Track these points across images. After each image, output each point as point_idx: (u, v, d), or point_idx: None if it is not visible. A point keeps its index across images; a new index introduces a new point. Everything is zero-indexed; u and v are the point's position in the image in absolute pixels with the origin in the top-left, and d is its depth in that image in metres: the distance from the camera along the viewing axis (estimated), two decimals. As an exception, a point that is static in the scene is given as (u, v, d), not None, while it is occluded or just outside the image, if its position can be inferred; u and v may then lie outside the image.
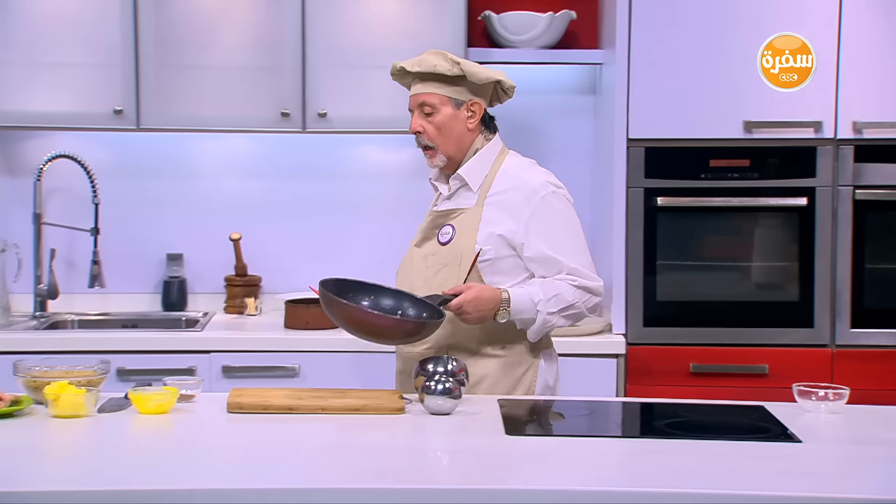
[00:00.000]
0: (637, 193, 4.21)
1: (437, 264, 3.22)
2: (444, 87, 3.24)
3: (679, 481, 2.40)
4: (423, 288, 3.21)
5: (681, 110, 4.17)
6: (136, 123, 4.33)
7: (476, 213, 3.23)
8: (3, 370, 3.91)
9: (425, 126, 3.25)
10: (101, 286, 4.50)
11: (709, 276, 4.24)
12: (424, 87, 3.24)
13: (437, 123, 3.24)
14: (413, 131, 3.27)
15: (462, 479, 2.46)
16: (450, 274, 3.19)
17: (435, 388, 2.86)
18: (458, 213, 3.26)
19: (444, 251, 3.23)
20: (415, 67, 3.23)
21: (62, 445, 2.66)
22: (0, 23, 4.24)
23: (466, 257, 3.18)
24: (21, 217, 4.54)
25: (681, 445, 2.66)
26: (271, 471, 2.43)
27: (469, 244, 3.19)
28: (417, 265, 3.26)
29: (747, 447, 2.65)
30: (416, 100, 3.27)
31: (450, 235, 3.23)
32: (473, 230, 3.20)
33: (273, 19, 4.33)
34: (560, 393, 3.33)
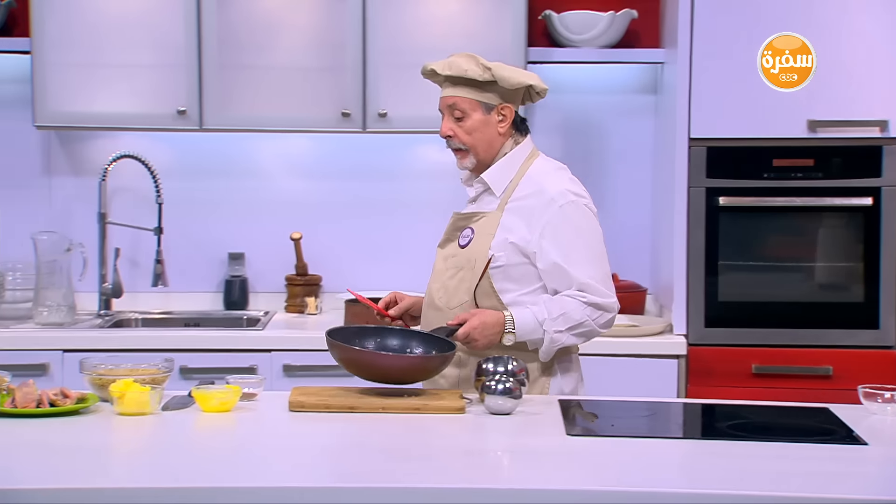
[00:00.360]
0: (698, 193, 4.18)
1: (454, 267, 3.20)
2: (475, 92, 3.18)
3: (742, 484, 2.37)
4: (440, 291, 3.19)
5: (743, 109, 4.14)
6: (199, 124, 4.37)
7: (495, 217, 3.19)
8: (70, 368, 3.99)
9: (455, 130, 3.20)
10: (164, 285, 4.54)
11: (771, 277, 4.20)
12: (455, 91, 3.19)
13: (468, 128, 3.19)
14: (444, 135, 3.22)
15: (522, 479, 2.45)
16: (464, 277, 3.16)
17: (495, 388, 2.86)
18: (479, 217, 3.22)
19: (462, 254, 3.19)
20: (445, 70, 3.18)
21: (127, 443, 2.69)
22: (66, 24, 4.30)
23: (480, 262, 3.14)
24: (86, 217, 4.60)
25: (744, 447, 2.64)
26: (333, 469, 2.45)
27: (483, 249, 3.15)
28: (438, 266, 3.25)
29: (812, 449, 2.62)
30: (445, 102, 3.22)
31: (468, 239, 3.20)
32: (489, 235, 3.16)
33: (334, 20, 4.35)
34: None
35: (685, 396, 4.07)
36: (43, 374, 4.03)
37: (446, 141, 3.24)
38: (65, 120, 4.36)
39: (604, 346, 4.13)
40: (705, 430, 3.02)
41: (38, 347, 4.09)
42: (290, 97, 4.37)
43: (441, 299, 3.19)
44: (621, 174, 4.73)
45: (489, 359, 3.00)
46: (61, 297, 4.31)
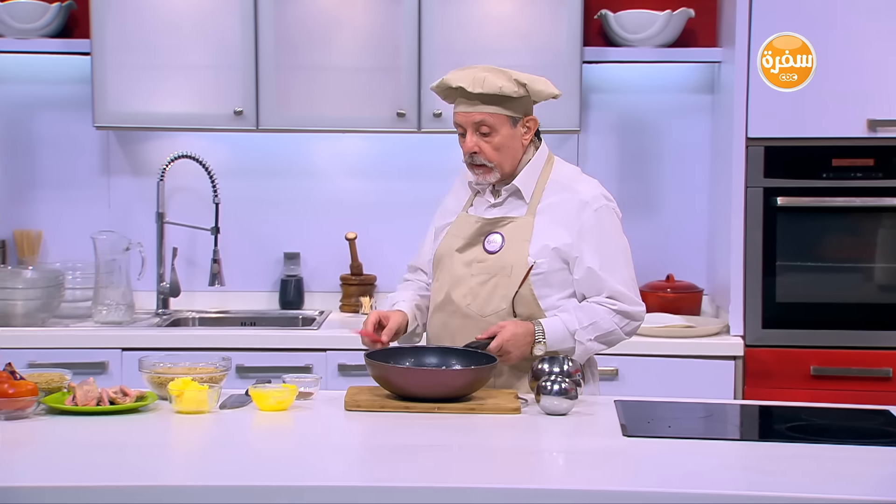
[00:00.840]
0: (756, 193, 4.15)
1: (484, 273, 3.12)
2: (504, 108, 3.11)
3: (802, 486, 2.35)
4: (468, 296, 3.13)
5: (802, 109, 4.10)
6: (256, 124, 4.40)
7: (527, 223, 3.14)
8: (129, 366, 4.04)
9: (482, 146, 3.11)
10: (221, 284, 4.58)
11: (830, 278, 4.16)
12: (484, 108, 3.09)
13: (497, 144, 3.11)
14: (470, 151, 3.12)
15: (579, 480, 2.44)
16: (499, 284, 3.11)
17: (551, 389, 2.85)
18: (506, 222, 3.16)
19: (491, 260, 3.13)
20: (476, 88, 3.07)
21: (186, 441, 2.71)
22: (125, 26, 4.34)
23: (518, 269, 3.09)
24: (145, 216, 4.65)
25: (802, 449, 2.61)
26: (388, 469, 2.45)
27: (521, 255, 3.10)
28: (459, 271, 3.16)
29: (873, 452, 2.59)
30: (470, 118, 3.10)
31: (499, 244, 3.14)
32: (525, 241, 3.12)
33: (390, 20, 4.36)
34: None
35: (742, 398, 4.04)
36: (102, 372, 4.07)
37: (468, 156, 3.14)
38: (123, 120, 4.41)
39: (660, 346, 4.12)
40: (763, 431, 2.99)
41: (97, 346, 4.13)
42: (345, 97, 4.38)
43: (472, 307, 3.12)
44: (677, 174, 4.70)
45: (544, 359, 2.99)
46: (120, 296, 4.35)
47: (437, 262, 3.23)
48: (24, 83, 4.65)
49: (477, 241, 3.17)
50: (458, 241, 3.19)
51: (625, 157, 4.71)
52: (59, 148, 4.68)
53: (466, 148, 3.13)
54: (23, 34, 4.46)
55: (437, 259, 3.23)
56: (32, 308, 4.23)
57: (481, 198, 3.23)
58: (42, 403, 2.82)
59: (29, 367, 3.78)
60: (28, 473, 2.41)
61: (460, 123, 3.13)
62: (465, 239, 3.18)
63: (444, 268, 3.20)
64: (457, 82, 3.10)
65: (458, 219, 3.24)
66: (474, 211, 3.23)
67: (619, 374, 4.12)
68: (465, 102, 3.11)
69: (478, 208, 3.23)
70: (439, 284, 3.20)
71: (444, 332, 3.17)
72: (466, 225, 3.20)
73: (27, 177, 4.68)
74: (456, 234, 3.21)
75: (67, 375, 2.96)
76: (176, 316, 4.56)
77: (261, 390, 2.88)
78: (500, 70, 3.12)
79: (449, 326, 3.16)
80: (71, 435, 2.66)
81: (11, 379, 2.80)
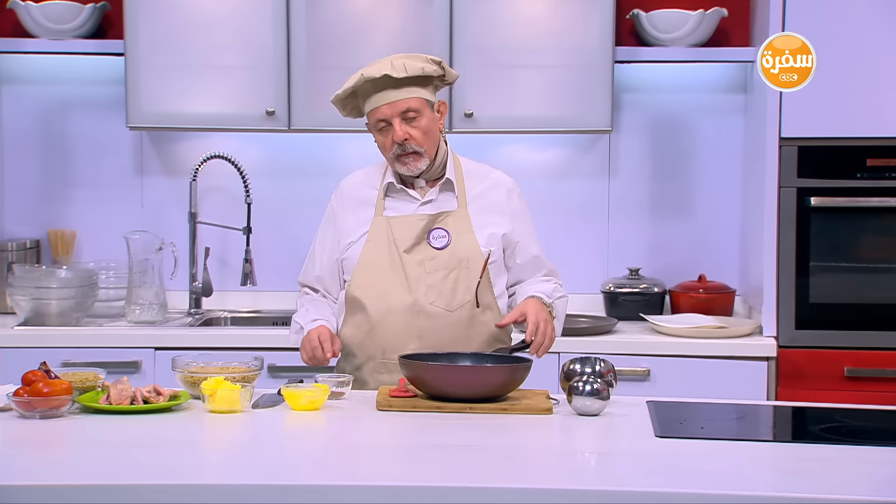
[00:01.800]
0: (789, 193, 4.12)
1: (442, 269, 3.16)
2: (423, 90, 3.17)
3: (836, 488, 2.33)
4: (430, 294, 3.15)
5: (836, 108, 4.07)
6: (288, 124, 4.41)
7: (464, 214, 3.21)
8: (161, 365, 4.06)
9: (411, 133, 3.15)
10: (253, 284, 4.59)
11: (865, 278, 4.13)
12: (409, 93, 3.14)
13: (424, 128, 3.16)
14: (401, 140, 3.14)
15: (611, 480, 2.43)
16: (459, 277, 3.16)
17: (583, 389, 2.85)
18: (443, 217, 3.21)
19: (442, 256, 3.17)
20: (401, 73, 3.11)
21: (219, 440, 2.72)
22: (158, 27, 4.36)
23: (474, 260, 3.15)
24: (177, 216, 4.67)
25: (837, 451, 2.59)
26: (420, 469, 2.45)
27: (472, 247, 3.17)
28: (412, 271, 3.16)
29: (908, 454, 2.57)
30: (396, 107, 3.13)
31: (446, 240, 3.18)
32: (469, 233, 3.19)
33: (421, 21, 4.36)
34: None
35: (775, 399, 4.02)
36: (135, 371, 4.10)
37: (400, 146, 3.15)
38: (156, 121, 4.43)
39: (692, 347, 4.11)
40: (796, 433, 2.98)
41: (130, 345, 4.16)
42: (377, 98, 4.38)
43: (437, 303, 3.15)
44: (710, 174, 4.68)
45: (576, 359, 2.99)
46: (153, 295, 4.37)
47: (363, 269, 3.20)
48: (58, 84, 4.68)
49: (421, 240, 3.19)
50: (405, 243, 3.19)
51: (657, 157, 4.70)
52: (92, 148, 4.71)
53: (397, 137, 3.14)
54: (57, 35, 4.49)
55: (363, 266, 3.20)
56: (66, 307, 4.26)
57: (398, 200, 3.24)
58: (76, 402, 2.84)
59: (63, 366, 3.82)
60: (62, 471, 2.42)
61: (384, 117, 3.16)
62: (411, 239, 3.19)
63: (382, 272, 3.19)
64: (380, 72, 3.14)
65: (379, 223, 3.22)
66: (396, 212, 3.23)
67: (650, 374, 4.10)
68: (385, 93, 3.14)
69: (402, 209, 3.23)
70: (380, 290, 3.18)
71: (409, 333, 3.16)
72: (405, 226, 3.20)
73: (61, 177, 4.71)
74: (381, 238, 3.20)
75: (101, 374, 2.98)
76: (208, 315, 4.58)
77: (293, 390, 2.89)
78: (412, 54, 3.21)
79: (414, 327, 3.16)
80: (105, 434, 2.68)
81: (46, 378, 2.82)
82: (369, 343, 3.20)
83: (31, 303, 4.24)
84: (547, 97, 4.39)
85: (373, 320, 3.19)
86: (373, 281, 3.19)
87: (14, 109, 4.67)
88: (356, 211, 3.27)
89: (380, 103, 3.15)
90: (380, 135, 3.19)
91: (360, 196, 3.29)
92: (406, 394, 2.94)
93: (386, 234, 3.20)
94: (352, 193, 3.31)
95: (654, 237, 4.70)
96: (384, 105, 3.15)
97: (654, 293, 4.51)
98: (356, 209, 3.28)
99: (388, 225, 3.21)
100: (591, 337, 4.18)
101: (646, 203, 4.69)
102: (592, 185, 4.69)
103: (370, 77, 3.15)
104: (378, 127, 3.18)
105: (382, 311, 3.18)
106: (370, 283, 3.19)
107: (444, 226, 3.20)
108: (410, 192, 3.24)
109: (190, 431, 2.73)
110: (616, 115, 4.53)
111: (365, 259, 3.21)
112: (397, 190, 3.25)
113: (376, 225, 3.22)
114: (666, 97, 4.68)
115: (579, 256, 4.69)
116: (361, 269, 3.21)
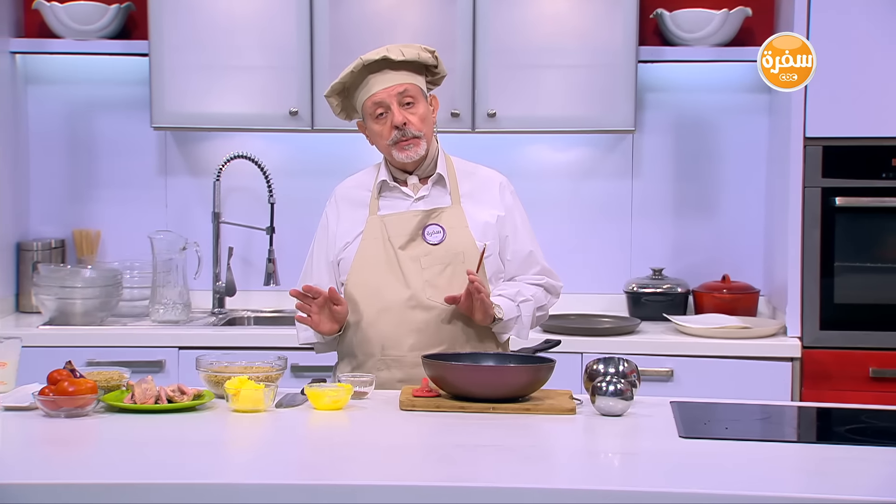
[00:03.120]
0: (814, 193, 4.11)
1: (437, 264, 3.17)
2: (419, 78, 3.22)
3: (861, 489, 2.32)
4: (427, 289, 3.16)
5: (861, 108, 4.05)
6: (311, 124, 4.42)
7: (458, 210, 3.22)
8: (185, 365, 4.07)
9: (409, 117, 3.17)
10: (276, 284, 4.60)
11: (890, 279, 4.10)
12: (406, 77, 3.17)
13: (421, 115, 3.19)
14: (400, 123, 3.16)
15: (635, 481, 2.43)
16: (456, 272, 3.16)
17: (606, 389, 2.84)
18: (437, 213, 3.22)
19: (438, 251, 3.18)
20: (399, 56, 3.15)
21: (243, 439, 2.73)
22: (183, 28, 4.38)
23: (470, 255, 3.16)
24: (201, 216, 4.68)
25: (862, 452, 2.58)
26: (443, 468, 2.45)
27: (467, 242, 3.18)
28: (408, 267, 3.17)
29: (934, 456, 2.56)
30: (394, 90, 3.16)
31: (441, 235, 3.19)
32: (464, 227, 3.20)
33: (444, 20, 4.36)
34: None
35: (800, 400, 4.00)
36: (159, 370, 4.11)
37: (400, 131, 3.16)
38: (181, 121, 4.44)
39: (716, 347, 4.10)
40: (821, 433, 2.96)
41: (154, 345, 4.18)
42: (400, 98, 4.39)
43: (434, 298, 3.16)
44: (734, 174, 4.66)
45: (599, 360, 2.99)
46: (177, 295, 4.39)
47: (359, 267, 3.21)
48: (83, 84, 4.70)
49: (416, 236, 3.20)
50: (401, 239, 3.20)
51: (681, 157, 4.68)
52: (117, 148, 4.73)
53: (396, 120, 3.16)
54: (82, 35, 4.51)
55: (359, 264, 3.22)
56: (91, 307, 4.28)
57: (391, 199, 3.25)
58: (101, 401, 2.86)
59: (88, 365, 3.84)
60: (87, 470, 2.43)
61: (381, 101, 3.17)
62: (406, 236, 3.20)
63: (378, 269, 3.20)
64: (378, 54, 3.16)
65: (373, 222, 3.23)
66: (390, 210, 3.24)
67: (674, 375, 4.09)
68: (383, 76, 3.16)
69: (396, 207, 3.24)
70: (376, 287, 3.19)
71: (406, 328, 3.17)
72: (399, 223, 3.21)
73: (86, 177, 4.74)
74: (376, 236, 3.21)
75: (126, 374, 2.99)
76: (232, 315, 4.60)
77: (316, 389, 2.90)
78: (408, 44, 3.23)
79: (411, 322, 3.17)
80: (129, 433, 2.69)
81: (71, 377, 2.83)
82: (368, 340, 3.21)
83: (56, 302, 4.26)
84: (570, 97, 4.38)
85: (370, 317, 3.20)
86: (368, 278, 3.21)
87: (39, 110, 4.70)
88: (350, 213, 3.29)
89: (377, 87, 3.17)
90: (376, 123, 3.20)
91: (353, 198, 3.31)
92: (429, 394, 2.94)
93: (381, 231, 3.22)
94: (345, 196, 3.33)
95: (677, 237, 4.68)
96: (381, 89, 3.17)
97: (677, 293, 4.50)
98: (350, 212, 3.29)
99: (383, 223, 3.23)
100: (615, 337, 4.18)
101: (669, 203, 4.68)
102: (616, 185, 4.68)
103: (369, 60, 3.17)
104: (375, 114, 3.19)
105: (379, 308, 3.19)
106: (366, 281, 3.21)
107: (438, 221, 3.22)
108: (403, 190, 3.26)
109: (213, 431, 2.74)
110: (639, 115, 4.52)
111: (360, 257, 3.22)
112: (390, 188, 3.27)
113: (371, 223, 3.24)
114: (689, 97, 4.66)
115: (602, 256, 4.68)
116: (357, 268, 3.22)
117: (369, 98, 3.19)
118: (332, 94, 3.27)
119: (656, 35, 4.57)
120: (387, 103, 3.17)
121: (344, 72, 3.22)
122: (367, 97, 3.20)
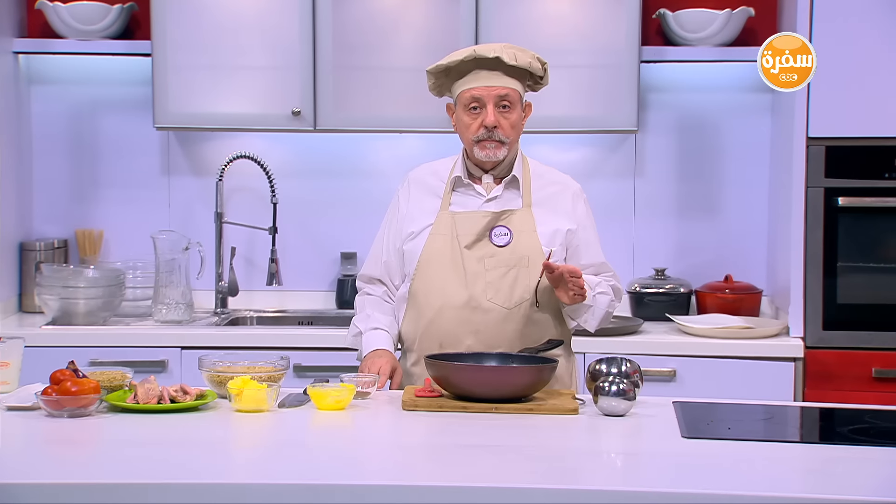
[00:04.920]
0: (816, 193, 4.10)
1: (501, 266, 3.16)
2: (522, 86, 3.21)
3: (864, 489, 2.32)
4: (489, 290, 3.15)
5: (865, 108, 4.05)
6: (314, 124, 4.42)
7: (527, 214, 3.20)
8: (188, 365, 4.07)
9: (501, 122, 3.16)
10: (279, 284, 4.60)
11: (893, 279, 4.10)
12: (510, 82, 3.16)
13: (513, 121, 3.18)
14: (491, 125, 3.15)
15: (637, 481, 2.44)
16: (519, 276, 3.15)
17: (609, 389, 2.84)
18: (507, 215, 3.20)
19: (503, 254, 3.17)
20: (511, 61, 3.13)
21: (246, 439, 2.73)
22: (186, 28, 4.38)
23: (535, 259, 3.14)
24: (204, 216, 4.68)
25: (865, 452, 2.58)
26: (446, 469, 2.45)
27: (534, 246, 3.16)
28: (472, 267, 3.17)
29: (937, 456, 2.55)
30: (495, 91, 3.14)
31: (508, 237, 3.18)
32: (532, 232, 3.18)
33: (448, 20, 4.36)
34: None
35: (802, 400, 4.00)
36: (162, 370, 4.11)
37: (488, 131, 3.15)
38: (183, 121, 4.45)
39: (718, 347, 4.09)
40: (824, 434, 2.96)
41: (157, 345, 4.18)
42: (402, 98, 4.39)
43: (494, 300, 3.15)
44: (737, 174, 4.66)
45: (602, 360, 3.00)
46: (179, 295, 4.39)
47: (425, 264, 3.21)
48: (86, 84, 4.70)
49: (483, 236, 3.19)
50: (467, 238, 3.19)
51: (683, 157, 4.68)
52: (119, 148, 4.73)
53: (489, 121, 3.14)
54: (85, 36, 4.51)
55: (425, 260, 3.22)
56: (94, 307, 4.28)
57: (464, 195, 3.24)
58: (104, 401, 2.86)
59: (91, 365, 3.85)
60: (90, 470, 2.44)
61: (479, 97, 3.15)
62: (473, 235, 3.20)
63: (443, 267, 3.19)
64: (493, 53, 3.14)
65: (444, 218, 3.23)
66: (461, 207, 3.23)
67: (676, 375, 4.09)
68: (488, 75, 3.15)
69: (467, 204, 3.24)
70: (439, 285, 3.18)
71: (465, 328, 3.17)
72: (469, 222, 3.21)
73: (89, 177, 4.74)
74: (444, 232, 3.21)
75: (129, 374, 2.99)
76: (234, 315, 4.60)
77: (319, 389, 2.90)
78: (522, 48, 3.20)
79: (470, 322, 3.16)
80: (132, 433, 2.69)
81: (74, 377, 2.83)
82: (426, 337, 3.21)
83: (58, 302, 4.26)
84: (573, 97, 4.38)
85: (430, 315, 3.20)
86: (433, 276, 3.21)
87: (42, 110, 4.70)
88: (421, 200, 3.29)
89: (479, 83, 3.16)
90: (467, 115, 3.19)
91: (427, 184, 3.31)
92: (432, 394, 2.94)
93: (450, 228, 3.22)
94: (419, 181, 3.33)
95: (680, 237, 4.68)
96: (483, 86, 3.16)
97: (680, 293, 4.50)
98: (421, 197, 3.30)
99: (453, 220, 3.22)
100: (617, 337, 4.17)
101: (672, 203, 4.68)
102: (618, 185, 4.68)
103: (482, 56, 3.16)
104: (469, 106, 3.18)
105: (438, 306, 3.19)
106: (430, 278, 3.21)
107: (506, 223, 3.20)
108: (476, 188, 3.25)
109: (216, 431, 2.74)
110: (642, 115, 4.52)
111: (427, 254, 3.22)
112: (464, 185, 3.26)
113: (441, 219, 3.24)
114: (692, 97, 4.66)
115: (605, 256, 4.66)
116: (423, 265, 3.22)
117: (469, 90, 3.18)
118: (435, 70, 3.25)
119: (659, 35, 4.57)
120: (484, 101, 3.16)
121: (454, 56, 3.20)
122: (466, 88, 3.18)
